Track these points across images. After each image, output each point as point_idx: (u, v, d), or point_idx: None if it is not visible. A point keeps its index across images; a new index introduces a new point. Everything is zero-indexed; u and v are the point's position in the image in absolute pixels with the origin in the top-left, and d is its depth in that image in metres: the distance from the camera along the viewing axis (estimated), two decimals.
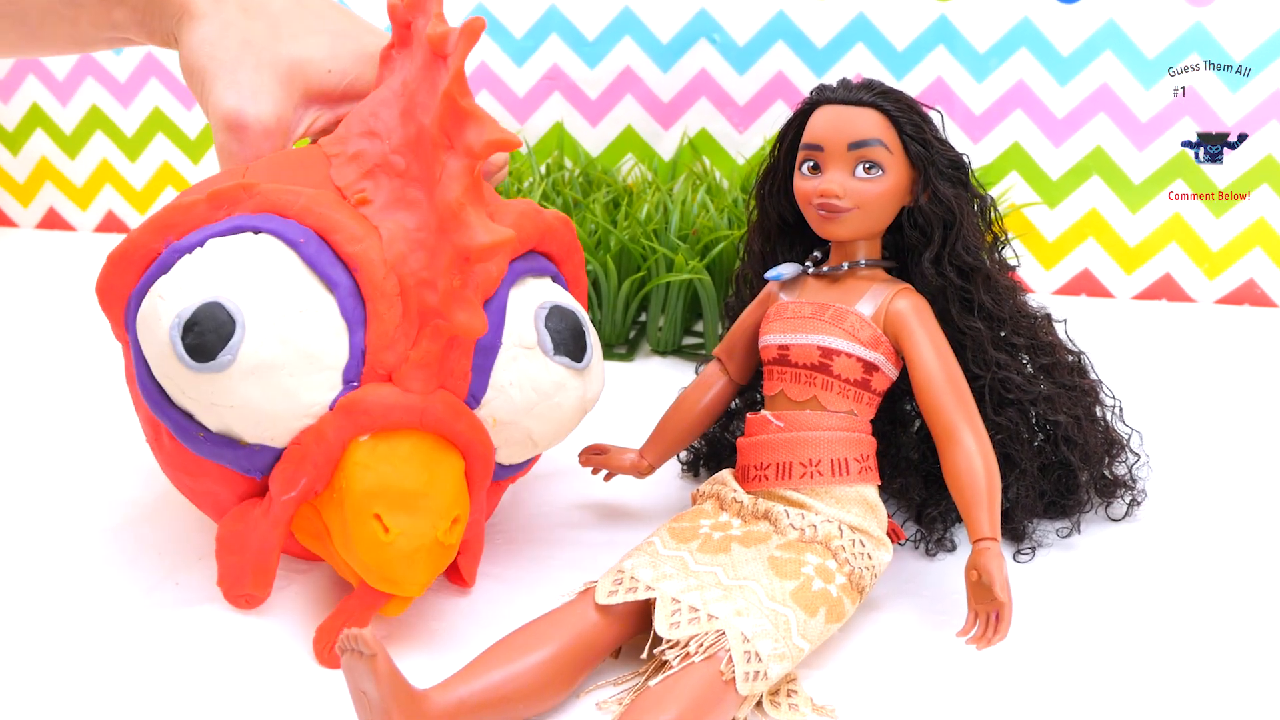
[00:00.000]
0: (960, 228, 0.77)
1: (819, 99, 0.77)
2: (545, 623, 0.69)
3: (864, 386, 0.76)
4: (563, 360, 0.73)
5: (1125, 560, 0.83)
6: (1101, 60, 1.32)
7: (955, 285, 0.78)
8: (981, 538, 0.70)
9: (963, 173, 0.77)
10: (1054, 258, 1.41)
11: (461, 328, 0.67)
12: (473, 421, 0.70)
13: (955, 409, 0.74)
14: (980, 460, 0.72)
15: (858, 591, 0.72)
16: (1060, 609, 0.77)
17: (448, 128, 0.67)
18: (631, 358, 1.21)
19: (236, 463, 0.69)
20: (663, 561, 0.72)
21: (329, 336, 0.67)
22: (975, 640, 0.69)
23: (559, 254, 0.78)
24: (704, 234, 1.18)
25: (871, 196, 0.75)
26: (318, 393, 0.67)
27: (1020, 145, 1.38)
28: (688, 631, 0.66)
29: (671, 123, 1.46)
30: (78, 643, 0.72)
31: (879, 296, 0.76)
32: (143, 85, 1.62)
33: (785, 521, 0.74)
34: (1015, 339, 0.81)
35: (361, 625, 0.67)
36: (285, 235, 0.67)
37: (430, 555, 0.67)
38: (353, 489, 0.67)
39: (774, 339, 0.78)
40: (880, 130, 0.75)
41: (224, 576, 0.73)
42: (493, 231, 0.66)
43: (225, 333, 0.64)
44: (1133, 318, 1.35)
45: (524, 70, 1.48)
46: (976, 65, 1.36)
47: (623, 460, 0.86)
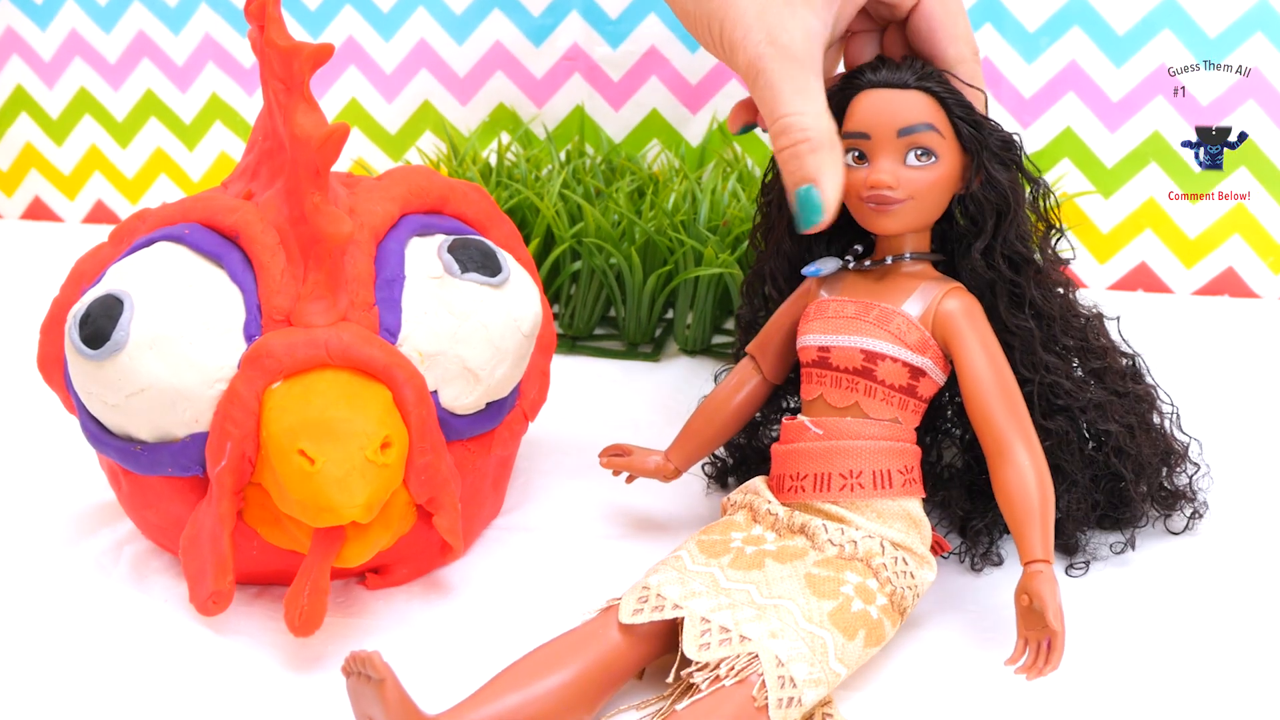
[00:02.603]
0: (1014, 215, 0.76)
1: (859, 83, 0.77)
2: (564, 643, 0.69)
3: (909, 393, 0.76)
4: (474, 277, 0.76)
5: (1185, 577, 0.82)
6: (1160, 39, 1.32)
7: (1006, 279, 0.78)
8: (1033, 560, 0.70)
9: (1015, 154, 0.77)
10: (1109, 251, 1.40)
11: (327, 233, 0.71)
12: (385, 346, 0.73)
13: (1008, 421, 0.73)
14: (1034, 477, 0.72)
15: (899, 613, 0.72)
16: (1116, 629, 0.77)
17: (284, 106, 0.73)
18: (657, 357, 1.21)
19: (176, 463, 0.73)
20: (691, 578, 0.72)
21: (223, 302, 0.72)
22: (1025, 670, 0.68)
23: (476, 219, 0.84)
24: (735, 225, 1.18)
25: (926, 185, 0.74)
26: (222, 356, 0.71)
27: (1073, 130, 1.37)
28: (718, 654, 0.66)
29: (700, 106, 1.46)
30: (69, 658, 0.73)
31: (928, 296, 0.76)
32: (134, 66, 1.63)
33: (823, 537, 0.73)
34: (1065, 340, 0.81)
35: (324, 578, 0.71)
36: (170, 234, 0.75)
37: (363, 476, 0.68)
38: (272, 431, 0.69)
39: (813, 339, 0.78)
40: (930, 114, 0.74)
41: (189, 582, 0.75)
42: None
43: (114, 314, 0.71)
44: (1193, 314, 1.34)
45: (542, 51, 1.48)
46: (1026, 45, 1.36)
47: (646, 462, 0.85)
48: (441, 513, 0.76)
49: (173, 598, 0.80)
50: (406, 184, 0.80)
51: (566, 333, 1.24)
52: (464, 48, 1.49)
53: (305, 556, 0.72)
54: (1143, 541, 0.86)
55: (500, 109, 1.51)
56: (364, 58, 1.53)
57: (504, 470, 0.89)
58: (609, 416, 1.07)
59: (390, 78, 1.53)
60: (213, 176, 1.66)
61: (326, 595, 0.72)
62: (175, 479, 0.75)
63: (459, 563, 0.84)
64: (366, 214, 0.76)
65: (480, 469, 0.82)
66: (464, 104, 1.52)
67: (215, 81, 1.61)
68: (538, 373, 0.86)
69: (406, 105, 1.54)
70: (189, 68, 1.61)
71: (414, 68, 1.52)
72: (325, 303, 0.73)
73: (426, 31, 1.50)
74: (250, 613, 0.78)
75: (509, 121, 1.51)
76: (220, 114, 1.62)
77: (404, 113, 1.55)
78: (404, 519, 0.75)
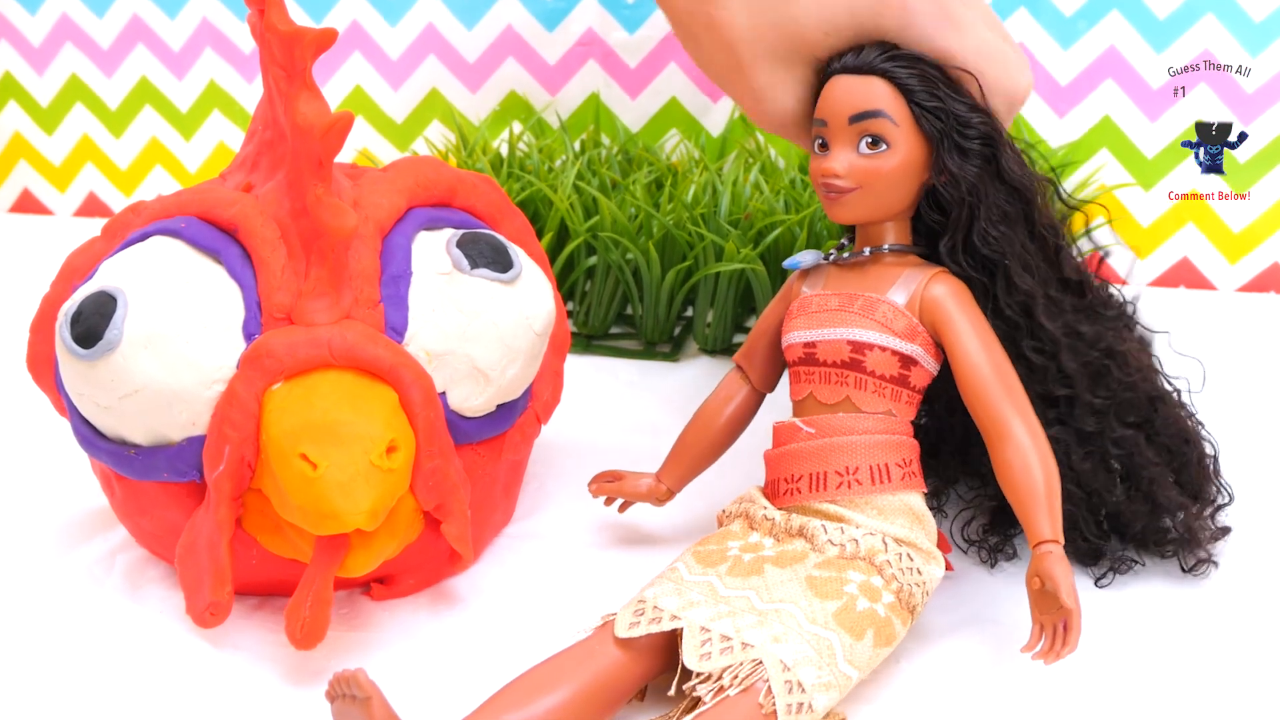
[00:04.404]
0: (982, 213, 0.76)
1: (831, 69, 0.77)
2: (561, 661, 0.69)
3: (901, 383, 0.76)
4: (484, 273, 0.76)
5: (1216, 579, 0.82)
6: (1203, 24, 1.31)
7: (978, 282, 0.77)
8: (1042, 541, 0.70)
9: (991, 147, 0.75)
10: (1149, 245, 1.40)
11: (330, 226, 0.71)
12: (391, 345, 0.73)
13: (1004, 401, 0.73)
14: (1035, 455, 0.72)
15: (908, 611, 0.72)
16: (1137, 631, 0.77)
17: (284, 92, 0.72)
18: (676, 357, 1.21)
19: (172, 468, 0.73)
20: (689, 588, 0.72)
21: (221, 299, 0.72)
22: (1042, 654, 0.68)
23: (486, 212, 0.83)
24: (757, 219, 1.18)
25: (875, 174, 0.75)
26: (220, 355, 0.71)
27: (1111, 119, 1.37)
28: (720, 663, 0.66)
29: (721, 94, 1.46)
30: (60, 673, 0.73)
31: (912, 283, 0.76)
32: (128, 52, 1.63)
33: (823, 538, 0.73)
34: (1069, 363, 0.79)
35: (327, 588, 0.70)
36: (166, 228, 0.75)
37: (368, 481, 0.68)
38: (272, 435, 0.69)
39: (798, 336, 0.78)
40: (884, 100, 0.74)
41: (186, 593, 0.75)
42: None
43: (107, 311, 0.71)
44: (1238, 312, 1.34)
45: (555, 36, 1.48)
46: (1062, 29, 1.35)
47: (638, 486, 0.86)
48: (450, 520, 0.76)
49: (168, 609, 0.80)
50: (413, 175, 0.80)
51: (581, 331, 1.24)
52: (474, 32, 1.49)
53: (307, 566, 0.72)
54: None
55: (511, 97, 1.51)
56: (369, 43, 1.53)
57: (516, 475, 0.89)
58: (625, 419, 1.07)
59: (396, 64, 1.53)
60: (210, 168, 1.65)
61: (329, 606, 0.71)
62: (171, 484, 0.75)
63: (468, 572, 0.84)
64: (371, 207, 0.76)
65: (491, 474, 0.82)
66: (474, 92, 1.52)
67: (213, 68, 1.60)
68: (551, 373, 0.86)
69: (413, 93, 1.54)
70: (185, 54, 1.61)
71: (421, 54, 1.52)
72: (328, 300, 0.73)
73: (434, 16, 1.50)
74: (250, 625, 0.78)
75: (521, 110, 1.50)
76: (218, 102, 1.62)
77: (411, 101, 1.55)
78: (411, 526, 0.74)
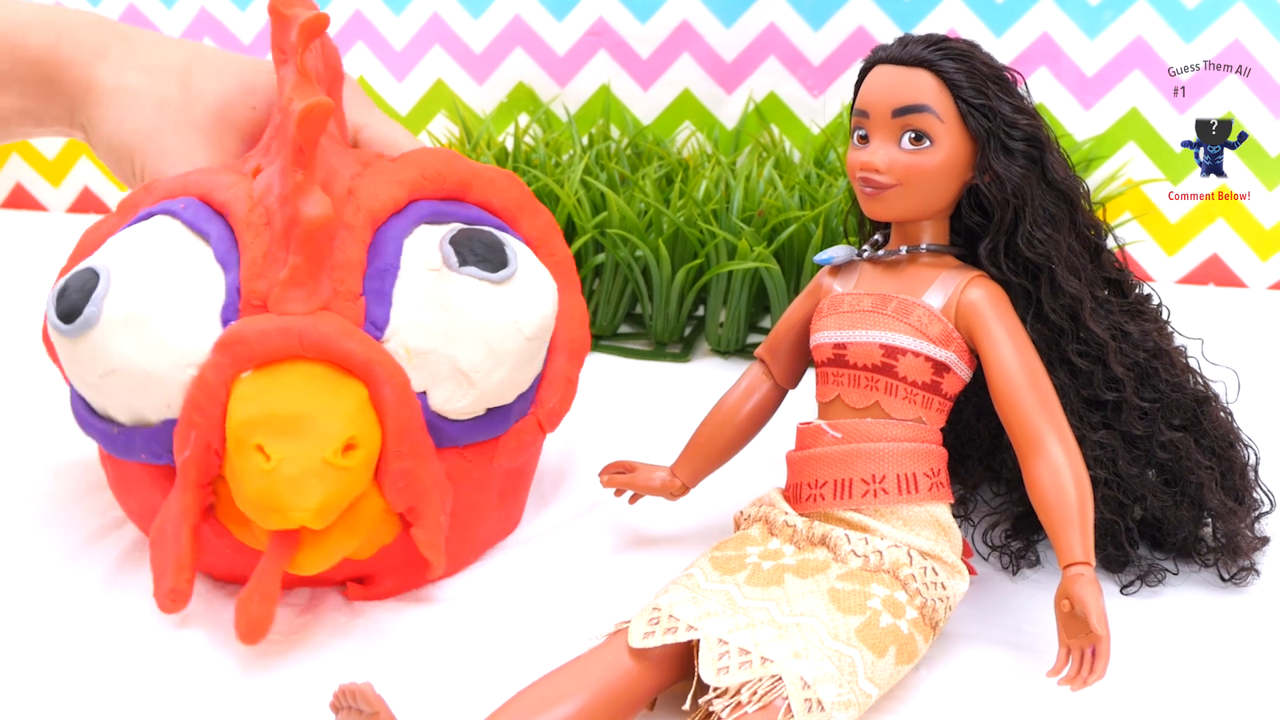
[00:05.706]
0: (1028, 215, 0.75)
1: (874, 58, 0.76)
2: (571, 671, 0.68)
3: (933, 390, 0.75)
4: (472, 271, 0.76)
5: (1253, 588, 0.82)
6: (1233, 12, 1.31)
7: (1015, 285, 0.77)
8: (1073, 562, 0.69)
9: (1038, 149, 0.75)
10: (1178, 241, 1.40)
11: (305, 216, 0.71)
12: (365, 340, 0.73)
13: (1039, 415, 0.73)
14: (1069, 474, 0.71)
15: (931, 626, 0.72)
16: (1169, 640, 0.77)
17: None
18: (687, 358, 1.21)
19: (149, 449, 0.74)
20: (706, 596, 0.71)
21: (201, 281, 0.73)
22: (1068, 680, 0.68)
23: (504, 208, 0.83)
24: (771, 215, 1.18)
25: (917, 171, 0.74)
26: (197, 339, 0.72)
27: (1139, 111, 1.37)
28: (738, 678, 0.65)
29: (735, 86, 1.46)
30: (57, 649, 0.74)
31: (949, 286, 0.76)
32: None
33: (846, 548, 0.73)
34: (1114, 368, 0.79)
35: (274, 584, 0.70)
36: (168, 209, 0.77)
37: (320, 478, 0.68)
38: (233, 423, 0.70)
39: (828, 336, 0.78)
40: (930, 95, 0.73)
41: (154, 576, 0.75)
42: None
43: (89, 288, 0.72)
44: (1269, 310, 1.34)
45: (564, 25, 1.48)
46: (1088, 19, 1.35)
47: (651, 479, 0.85)
48: (421, 524, 0.76)
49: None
50: (420, 167, 0.80)
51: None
52: (480, 22, 1.49)
53: (260, 562, 0.72)
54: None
55: (519, 88, 1.51)
56: (372, 33, 1.53)
57: (515, 483, 0.88)
58: (634, 422, 1.07)
59: (400, 55, 1.54)
60: None
61: (275, 602, 0.71)
62: (150, 466, 0.76)
63: (473, 577, 0.84)
64: (367, 197, 0.76)
65: (478, 480, 0.81)
66: (480, 83, 1.52)
67: None
68: (561, 380, 0.85)
69: (418, 85, 1.54)
70: None
71: (426, 44, 1.52)
72: (305, 290, 0.72)
73: (440, 5, 1.50)
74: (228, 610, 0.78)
75: (528, 102, 1.51)
76: None
77: (415, 93, 1.55)
78: (380, 528, 0.74)
